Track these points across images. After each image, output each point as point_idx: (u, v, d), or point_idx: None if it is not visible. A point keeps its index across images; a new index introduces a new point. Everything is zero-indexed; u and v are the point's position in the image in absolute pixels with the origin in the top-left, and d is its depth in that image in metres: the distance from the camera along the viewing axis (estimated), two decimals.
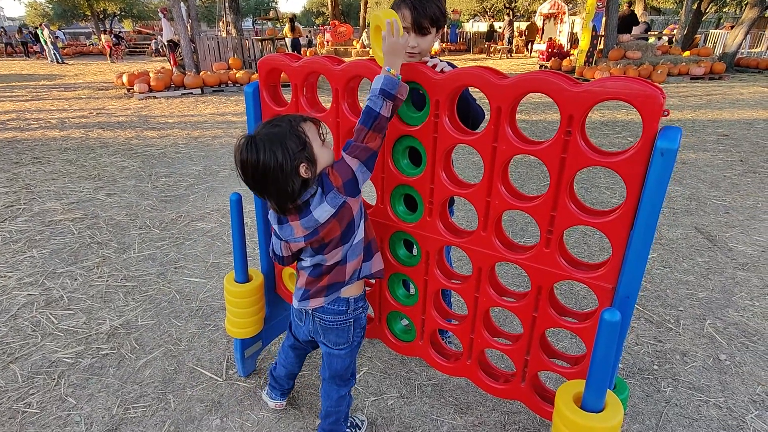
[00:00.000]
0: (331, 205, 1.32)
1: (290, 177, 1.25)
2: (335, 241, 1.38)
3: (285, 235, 1.41)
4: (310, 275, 1.47)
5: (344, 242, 1.40)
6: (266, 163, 1.23)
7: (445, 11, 1.68)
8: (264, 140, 1.24)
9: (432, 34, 1.66)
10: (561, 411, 1.21)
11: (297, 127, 1.28)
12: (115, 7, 35.97)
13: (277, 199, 1.30)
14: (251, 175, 1.28)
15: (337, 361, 1.58)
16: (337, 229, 1.36)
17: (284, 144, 1.24)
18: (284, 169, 1.24)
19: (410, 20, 1.61)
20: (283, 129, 1.27)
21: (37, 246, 3.32)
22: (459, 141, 1.37)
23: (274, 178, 1.25)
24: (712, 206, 4.08)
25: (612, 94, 1.09)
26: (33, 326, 2.45)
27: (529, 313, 1.40)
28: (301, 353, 1.81)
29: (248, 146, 1.25)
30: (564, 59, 14.95)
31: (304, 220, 1.34)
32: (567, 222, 1.25)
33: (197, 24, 11.81)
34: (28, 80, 13.67)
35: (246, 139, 1.27)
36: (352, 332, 1.55)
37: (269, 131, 1.26)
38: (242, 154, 1.26)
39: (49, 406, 1.95)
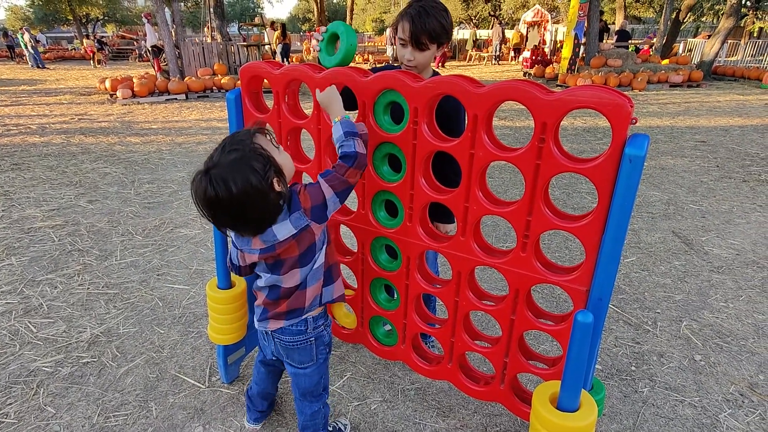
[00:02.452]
0: (293, 225, 1.29)
1: (269, 196, 1.21)
2: (292, 261, 1.34)
3: (241, 244, 1.36)
4: (268, 297, 1.42)
5: (302, 265, 1.36)
6: (243, 192, 1.16)
7: (448, 26, 1.63)
8: (229, 170, 1.17)
9: (431, 50, 1.62)
10: (537, 411, 1.24)
11: (253, 145, 1.22)
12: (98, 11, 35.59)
13: (259, 222, 1.25)
14: (226, 209, 1.19)
15: (304, 379, 1.55)
16: (295, 250, 1.32)
17: (251, 166, 1.18)
18: (262, 192, 1.18)
19: (408, 33, 1.59)
20: (242, 151, 1.20)
21: (15, 253, 3.27)
22: (437, 148, 1.39)
23: (253, 204, 1.19)
24: (690, 211, 4.18)
25: (582, 102, 1.13)
26: (11, 335, 2.41)
27: (508, 316, 1.43)
28: (272, 370, 1.74)
29: (213, 182, 1.16)
30: (547, 67, 15.18)
31: (263, 234, 1.29)
32: (542, 226, 1.28)
33: (182, 29, 11.75)
34: (7, 85, 13.43)
35: (206, 176, 1.17)
36: (314, 351, 1.51)
37: (230, 159, 1.19)
38: (208, 191, 1.16)
39: (27, 416, 1.92)
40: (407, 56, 1.62)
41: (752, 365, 2.26)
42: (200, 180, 1.18)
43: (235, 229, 1.28)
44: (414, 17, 1.56)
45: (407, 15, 1.59)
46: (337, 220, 1.70)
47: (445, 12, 1.61)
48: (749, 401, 2.04)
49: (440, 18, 1.58)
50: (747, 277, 3.05)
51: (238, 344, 2.06)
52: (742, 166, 5.46)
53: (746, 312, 2.68)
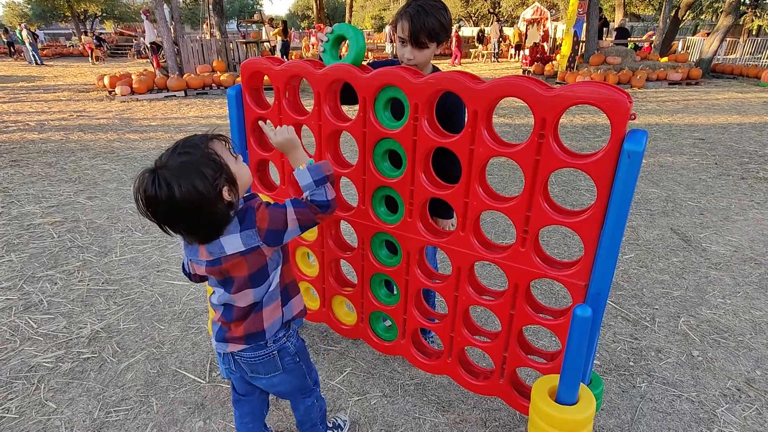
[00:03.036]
0: (243, 242, 1.22)
1: (215, 205, 1.14)
2: (242, 280, 1.26)
3: (189, 253, 1.29)
4: (223, 315, 1.35)
5: (254, 286, 1.28)
6: (186, 198, 1.09)
7: (447, 24, 1.63)
8: (176, 173, 1.10)
9: (430, 48, 1.62)
10: (536, 404, 1.25)
11: (207, 150, 1.16)
12: (96, 8, 35.46)
13: (206, 231, 1.19)
14: (164, 212, 1.13)
15: (281, 386, 1.48)
16: (244, 269, 1.24)
17: (200, 172, 1.11)
18: (208, 199, 1.12)
19: (407, 33, 1.58)
20: (194, 156, 1.13)
21: (15, 250, 3.27)
22: (438, 143, 1.40)
23: (197, 211, 1.12)
24: (688, 208, 4.19)
25: (582, 98, 1.14)
26: (11, 331, 2.42)
27: (507, 310, 1.45)
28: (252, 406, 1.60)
29: (157, 182, 1.09)
30: (546, 64, 15.18)
31: (210, 244, 1.22)
32: (541, 222, 1.29)
33: (180, 26, 11.72)
34: (5, 82, 13.39)
35: (151, 174, 1.11)
36: (279, 362, 1.41)
37: (179, 161, 1.12)
38: (149, 191, 1.10)
39: (28, 411, 1.93)
40: (407, 55, 1.61)
41: (749, 361, 2.28)
42: (143, 178, 1.12)
43: (177, 233, 1.19)
44: (413, 16, 1.55)
45: (406, 14, 1.58)
46: (338, 216, 1.71)
47: (444, 10, 1.60)
48: (746, 396, 2.06)
49: (439, 16, 1.57)
50: (744, 274, 3.06)
51: None
52: (740, 164, 5.47)
53: (744, 308, 2.70)
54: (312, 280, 1.91)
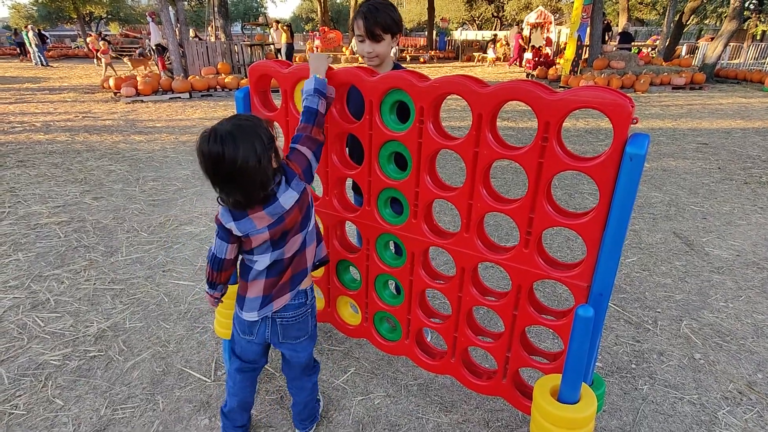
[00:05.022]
0: (296, 191, 1.38)
1: (266, 168, 1.26)
2: (296, 227, 1.42)
3: (244, 229, 1.37)
4: (269, 277, 1.46)
5: (302, 228, 1.45)
6: (246, 156, 1.21)
7: (398, 19, 1.83)
8: (238, 133, 1.22)
9: (386, 40, 1.81)
10: (539, 403, 1.26)
11: (263, 122, 1.32)
12: (102, 10, 35.67)
13: (250, 191, 1.28)
14: (226, 169, 1.22)
15: (303, 354, 1.63)
16: (299, 215, 1.41)
17: (259, 136, 1.25)
18: (261, 161, 1.24)
19: (363, 29, 1.77)
20: (253, 122, 1.28)
21: (22, 249, 3.30)
22: (443, 146, 1.42)
23: (252, 170, 1.23)
24: (691, 212, 4.20)
25: (585, 102, 1.16)
26: (19, 329, 2.45)
27: (510, 311, 1.46)
28: (250, 375, 1.71)
29: (221, 140, 1.21)
30: (550, 68, 15.20)
31: (270, 208, 1.34)
32: (544, 223, 1.31)
33: (186, 28, 11.79)
34: (11, 83, 13.49)
35: (216, 133, 1.22)
36: (310, 322, 1.59)
37: (240, 124, 1.26)
38: (213, 148, 1.21)
39: (36, 408, 1.95)
40: (367, 49, 1.80)
41: (751, 364, 2.29)
42: (207, 137, 1.23)
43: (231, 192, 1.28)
44: (366, 14, 1.77)
45: (360, 13, 1.79)
46: (343, 216, 1.73)
47: (392, 7, 1.83)
48: (747, 399, 2.07)
49: (389, 12, 1.79)
50: (747, 278, 3.07)
51: None
52: (744, 169, 5.47)
53: (746, 312, 2.70)
54: (317, 280, 1.93)
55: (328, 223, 1.78)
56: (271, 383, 2.11)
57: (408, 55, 23.34)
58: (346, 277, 1.90)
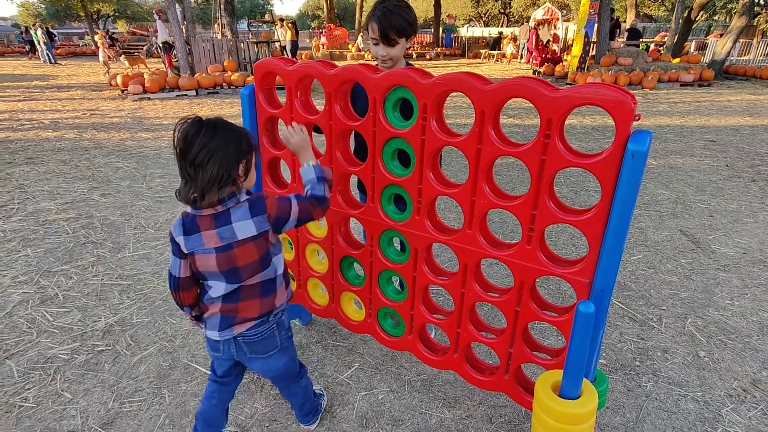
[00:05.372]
0: (256, 227, 1.34)
1: (231, 168, 1.28)
2: (253, 265, 1.38)
3: (192, 246, 1.34)
4: (225, 302, 1.42)
5: (263, 269, 1.41)
6: (216, 147, 1.25)
7: (412, 21, 1.80)
8: (220, 126, 1.29)
9: (400, 43, 1.79)
10: (540, 398, 1.27)
11: (250, 135, 1.37)
12: (109, 8, 35.86)
13: (207, 185, 1.26)
14: (194, 152, 1.24)
15: (276, 367, 1.57)
16: (255, 253, 1.36)
17: (239, 137, 1.31)
18: (230, 158, 1.27)
19: (378, 32, 1.75)
20: (240, 130, 1.34)
21: (31, 245, 3.35)
22: (446, 143, 1.43)
23: (217, 162, 1.25)
24: (697, 209, 4.18)
25: (587, 99, 1.16)
26: (28, 323, 2.48)
27: (512, 307, 1.47)
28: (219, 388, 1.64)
29: (199, 124, 1.27)
30: (557, 65, 15.12)
31: (221, 229, 1.32)
32: (547, 220, 1.32)
33: (192, 26, 11.84)
34: (20, 80, 13.62)
35: (197, 118, 1.28)
36: (278, 336, 1.52)
37: (225, 122, 1.32)
38: (189, 129, 1.26)
39: (45, 401, 1.99)
40: (381, 52, 1.79)
41: (756, 362, 2.28)
42: (192, 121, 1.28)
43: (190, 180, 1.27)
44: (380, 18, 1.74)
45: (374, 17, 1.76)
46: (348, 213, 1.75)
47: (407, 8, 1.79)
48: (752, 397, 2.06)
49: (404, 14, 1.75)
50: (753, 276, 3.05)
51: None
52: (752, 166, 5.43)
53: (751, 310, 2.69)
54: (321, 276, 1.95)
55: (333, 219, 1.79)
56: None
57: (414, 52, 23.29)
58: (350, 274, 1.91)
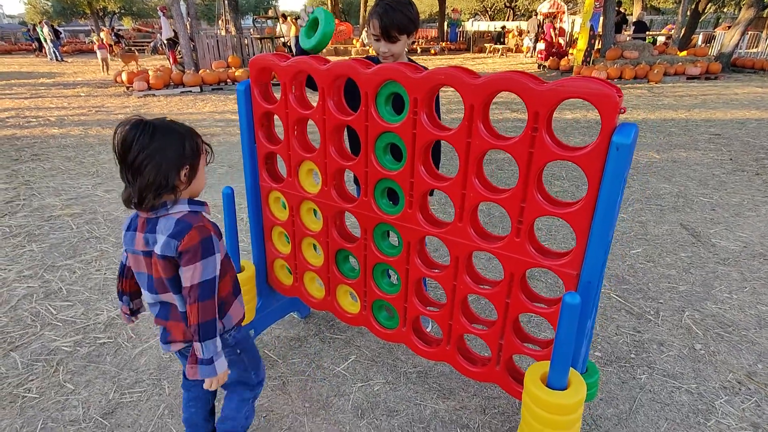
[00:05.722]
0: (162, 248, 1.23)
1: (169, 175, 1.21)
2: (163, 283, 1.29)
3: (126, 242, 1.32)
4: (159, 316, 1.37)
5: (175, 292, 1.30)
6: (154, 151, 1.18)
7: (414, 17, 1.81)
8: (162, 129, 1.21)
9: (402, 40, 1.81)
10: (529, 389, 1.29)
11: (196, 137, 1.29)
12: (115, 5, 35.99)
13: (141, 190, 1.20)
14: (132, 156, 1.18)
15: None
16: (165, 272, 1.27)
17: (182, 142, 1.23)
18: (168, 164, 1.20)
19: (379, 29, 1.78)
20: (184, 129, 1.27)
21: (36, 240, 3.40)
22: (436, 137, 1.45)
23: (154, 168, 1.18)
24: (699, 203, 4.16)
25: (573, 93, 1.17)
26: (32, 316, 2.53)
27: (503, 299, 1.49)
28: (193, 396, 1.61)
29: (140, 126, 1.18)
30: (562, 59, 15.02)
31: (147, 234, 1.26)
32: (535, 212, 1.33)
33: (196, 22, 11.87)
34: (27, 78, 13.73)
35: (139, 119, 1.20)
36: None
37: (170, 124, 1.24)
38: (129, 131, 1.17)
39: (48, 392, 2.03)
40: (382, 49, 1.82)
41: (752, 354, 2.28)
42: (134, 121, 1.19)
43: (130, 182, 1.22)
44: (381, 15, 1.77)
45: (375, 14, 1.79)
46: (341, 207, 1.77)
47: (409, 5, 1.80)
48: (746, 389, 2.07)
49: (405, 11, 1.78)
50: (753, 269, 3.05)
51: (247, 326, 2.14)
52: (756, 159, 5.39)
53: (750, 303, 2.69)
54: (317, 269, 1.97)
55: (327, 213, 1.82)
56: (274, 369, 2.16)
57: (419, 47, 23.21)
58: (345, 267, 1.94)
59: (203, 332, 1.26)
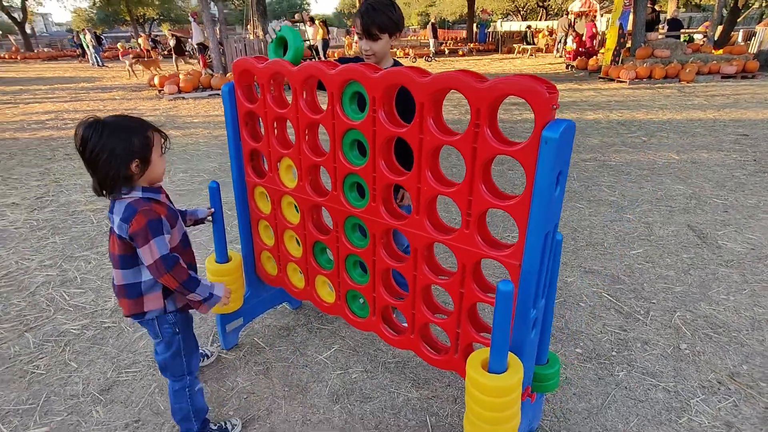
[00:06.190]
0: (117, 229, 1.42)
1: (120, 169, 1.36)
2: (115, 258, 1.47)
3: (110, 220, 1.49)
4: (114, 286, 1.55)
5: (122, 268, 1.47)
6: (104, 148, 1.33)
7: (396, 19, 1.91)
8: (112, 127, 1.35)
9: (383, 39, 1.91)
10: (469, 374, 1.35)
11: (147, 130, 1.43)
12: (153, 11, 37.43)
13: (100, 182, 1.39)
14: (87, 153, 1.35)
15: (162, 354, 1.63)
16: (117, 249, 1.45)
17: (129, 138, 1.37)
18: (117, 160, 1.35)
19: (360, 27, 1.89)
20: (134, 125, 1.41)
21: (59, 233, 3.65)
22: (394, 133, 1.52)
23: (104, 163, 1.34)
24: (712, 205, 4.06)
25: (507, 89, 1.23)
26: (48, 302, 2.74)
27: (457, 289, 1.55)
28: None
29: (93, 126, 1.34)
30: (591, 58, 14.73)
31: (110, 214, 1.46)
32: (480, 205, 1.39)
33: (224, 27, 12.26)
34: (69, 82, 14.48)
35: (93, 120, 1.35)
36: (158, 328, 1.58)
37: (121, 122, 1.39)
38: (84, 131, 1.34)
39: (54, 369, 2.21)
40: (364, 47, 1.92)
41: (738, 356, 2.25)
42: (89, 121, 1.36)
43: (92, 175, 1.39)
44: (363, 14, 1.88)
45: (359, 13, 1.90)
46: (315, 201, 1.86)
47: (392, 6, 1.89)
48: (725, 389, 2.05)
49: (387, 12, 1.87)
50: (756, 272, 2.98)
51: (235, 314, 2.26)
52: None
53: (746, 305, 2.64)
54: (297, 260, 2.07)
55: (303, 206, 1.92)
56: (260, 355, 2.28)
57: (447, 48, 23.18)
58: (323, 258, 2.03)
59: (187, 287, 1.50)
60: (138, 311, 1.54)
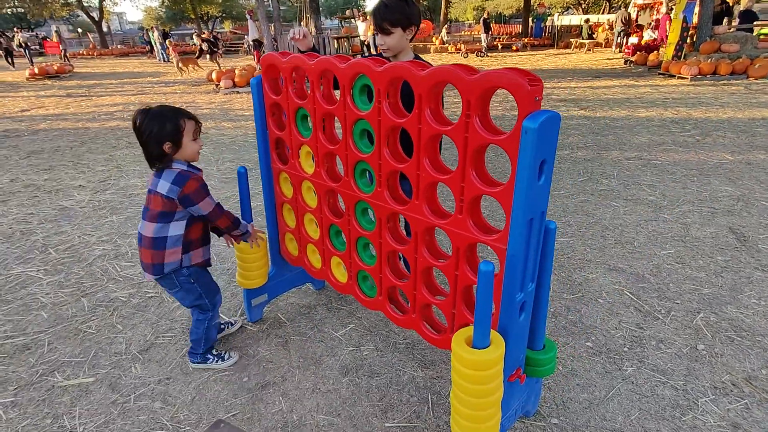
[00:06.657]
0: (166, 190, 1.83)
1: (154, 146, 1.79)
2: (153, 213, 1.87)
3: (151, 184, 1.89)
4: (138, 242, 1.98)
5: (159, 221, 1.87)
6: (143, 129, 1.78)
7: (410, 14, 2.00)
8: (153, 114, 1.78)
9: (396, 33, 2.01)
10: (455, 350, 1.45)
11: (179, 119, 1.81)
12: (216, 10, 39.12)
13: (146, 154, 1.84)
14: (137, 132, 1.81)
15: (184, 300, 2.07)
16: (159, 205, 1.86)
17: (163, 124, 1.77)
18: (151, 139, 1.78)
19: (373, 23, 2.02)
20: (169, 115, 1.80)
21: (117, 213, 4.02)
22: (396, 123, 1.63)
23: (145, 141, 1.79)
24: (760, 208, 3.86)
25: (494, 82, 1.31)
26: (102, 272, 3.06)
27: (452, 271, 1.64)
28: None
29: (142, 112, 1.79)
30: (651, 53, 14.03)
31: (154, 179, 1.87)
32: (472, 191, 1.47)
33: (279, 24, 12.71)
34: (137, 77, 15.51)
35: (144, 108, 1.80)
36: (176, 280, 1.98)
37: (160, 111, 1.80)
38: (136, 115, 1.79)
39: (103, 330, 2.49)
40: (379, 41, 2.04)
41: (760, 360, 2.19)
42: (142, 107, 1.81)
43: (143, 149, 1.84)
44: (376, 9, 1.99)
45: (373, 9, 2.01)
46: (330, 186, 2.00)
47: (404, 2, 1.98)
48: (739, 391, 2.01)
49: (399, 8, 1.97)
50: None
51: (260, 289, 2.46)
52: None
53: None
54: (315, 242, 2.23)
55: (320, 191, 2.06)
56: (281, 329, 2.46)
57: (500, 44, 22.75)
58: (338, 240, 2.17)
59: (234, 226, 2.10)
60: (158, 262, 1.91)
